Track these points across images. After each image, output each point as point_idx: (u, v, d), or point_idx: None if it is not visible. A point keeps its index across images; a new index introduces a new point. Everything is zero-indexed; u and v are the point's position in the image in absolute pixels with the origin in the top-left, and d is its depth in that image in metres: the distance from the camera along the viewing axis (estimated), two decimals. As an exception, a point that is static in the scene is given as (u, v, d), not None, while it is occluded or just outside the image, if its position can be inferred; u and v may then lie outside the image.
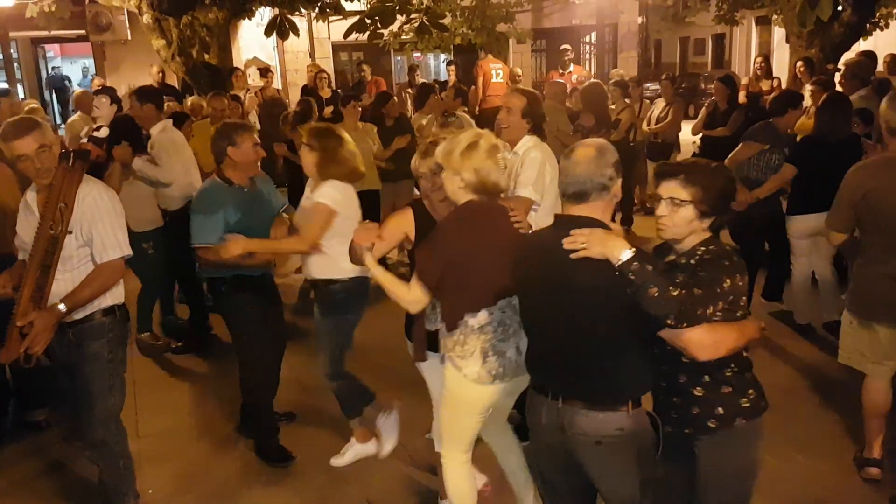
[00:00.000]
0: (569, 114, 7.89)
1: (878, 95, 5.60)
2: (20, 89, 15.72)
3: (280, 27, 8.46)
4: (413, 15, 8.53)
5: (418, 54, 17.83)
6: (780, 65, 12.14)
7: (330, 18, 11.94)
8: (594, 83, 8.18)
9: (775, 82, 9.69)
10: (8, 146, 3.05)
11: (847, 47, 9.50)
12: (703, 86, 19.00)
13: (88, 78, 17.39)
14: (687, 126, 8.50)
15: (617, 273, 2.19)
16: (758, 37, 23.99)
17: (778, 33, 18.31)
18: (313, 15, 12.36)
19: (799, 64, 8.46)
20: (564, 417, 2.41)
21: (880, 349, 3.52)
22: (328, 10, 9.78)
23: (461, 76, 12.01)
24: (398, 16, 8.22)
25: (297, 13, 9.61)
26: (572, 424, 2.40)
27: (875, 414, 3.63)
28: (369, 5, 8.69)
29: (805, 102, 6.44)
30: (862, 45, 9.62)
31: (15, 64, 16.17)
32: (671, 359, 2.40)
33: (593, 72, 16.83)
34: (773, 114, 5.52)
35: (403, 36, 12.46)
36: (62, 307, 3.04)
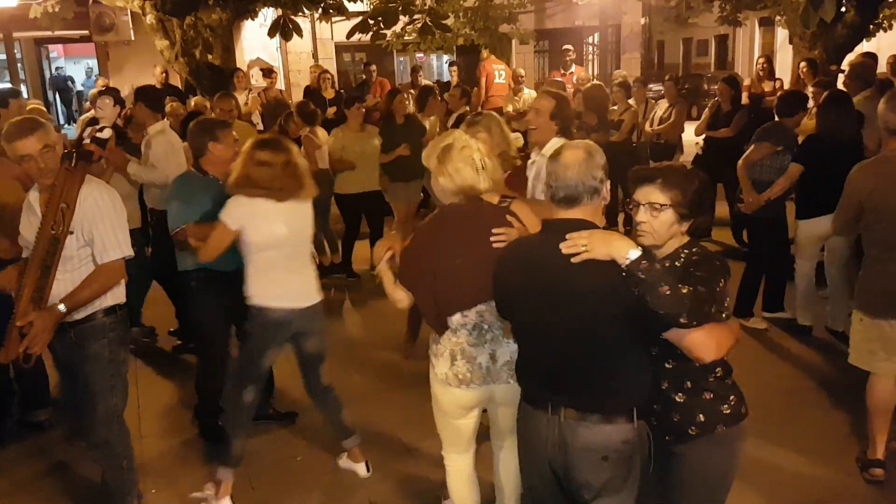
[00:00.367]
0: (571, 114, 7.93)
1: (882, 97, 5.57)
2: (24, 90, 15.72)
3: (283, 28, 8.49)
4: (416, 16, 8.56)
5: (421, 55, 17.83)
6: (783, 66, 12.10)
7: (333, 19, 11.94)
8: (596, 85, 8.25)
9: (778, 83, 9.67)
10: (11, 146, 3.06)
11: (850, 48, 9.48)
12: (707, 87, 18.95)
13: (92, 78, 17.37)
14: (690, 127, 8.51)
15: (623, 273, 2.14)
16: (761, 38, 23.92)
17: (781, 34, 18.28)
18: (316, 16, 12.39)
19: (802, 65, 8.47)
20: (567, 431, 2.33)
21: (891, 345, 3.53)
22: (331, 11, 9.78)
23: (464, 77, 12.03)
24: (401, 16, 8.24)
25: (301, 14, 9.61)
26: (576, 438, 2.32)
27: (880, 412, 3.63)
28: (372, 6, 8.72)
29: (808, 103, 6.43)
30: (865, 46, 9.59)
31: (18, 64, 16.19)
32: (654, 364, 2.37)
33: (597, 73, 16.82)
34: (783, 115, 5.48)
35: (406, 37, 12.47)
36: (62, 307, 3.04)
